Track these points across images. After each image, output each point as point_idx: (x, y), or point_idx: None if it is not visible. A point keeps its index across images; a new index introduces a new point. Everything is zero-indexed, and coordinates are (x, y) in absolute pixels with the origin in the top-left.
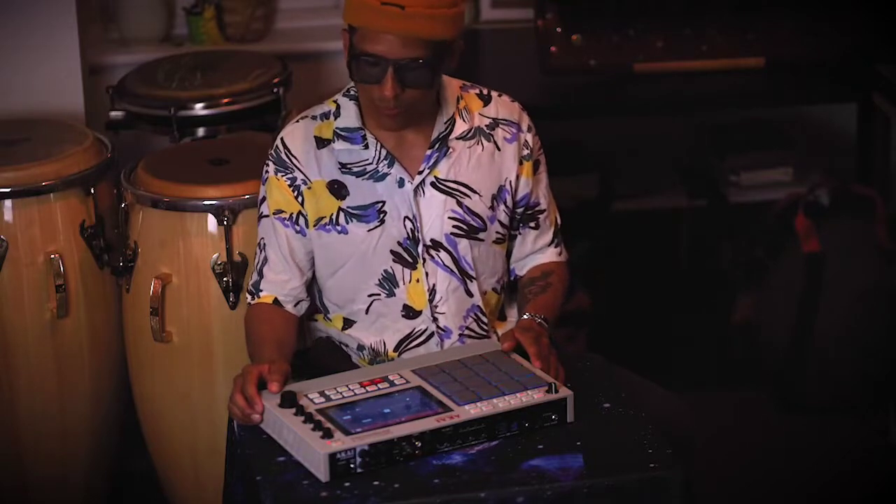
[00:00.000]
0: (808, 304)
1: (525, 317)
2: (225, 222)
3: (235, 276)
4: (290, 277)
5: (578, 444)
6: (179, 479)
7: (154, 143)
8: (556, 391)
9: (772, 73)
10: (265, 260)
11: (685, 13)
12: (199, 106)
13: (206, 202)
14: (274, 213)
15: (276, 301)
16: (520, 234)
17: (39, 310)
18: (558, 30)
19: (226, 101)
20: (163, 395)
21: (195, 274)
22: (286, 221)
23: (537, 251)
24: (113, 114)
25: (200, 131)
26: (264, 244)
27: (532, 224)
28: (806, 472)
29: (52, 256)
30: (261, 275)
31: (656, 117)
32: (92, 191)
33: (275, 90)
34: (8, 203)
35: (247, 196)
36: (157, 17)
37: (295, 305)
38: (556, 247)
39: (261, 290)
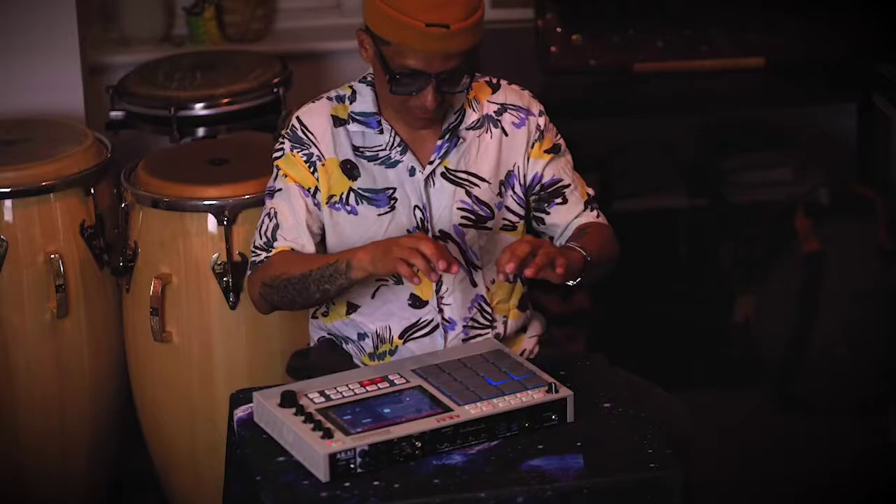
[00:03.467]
0: (807, 303)
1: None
2: (225, 222)
3: (235, 276)
4: (306, 242)
5: (578, 444)
6: (179, 478)
7: (154, 143)
8: (556, 391)
9: (772, 73)
10: (277, 226)
11: (685, 13)
12: (199, 106)
13: (206, 202)
14: (295, 184)
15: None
16: (548, 213)
17: (39, 310)
18: (558, 30)
19: (226, 101)
20: (163, 395)
21: (195, 274)
22: (306, 192)
23: (573, 220)
24: (113, 114)
25: (200, 131)
26: (275, 213)
27: (558, 200)
28: (806, 472)
29: (52, 256)
30: (273, 237)
31: (656, 117)
32: (92, 191)
33: (275, 90)
34: (8, 203)
35: (247, 196)
36: (157, 17)
37: None
38: (591, 210)
39: (274, 244)
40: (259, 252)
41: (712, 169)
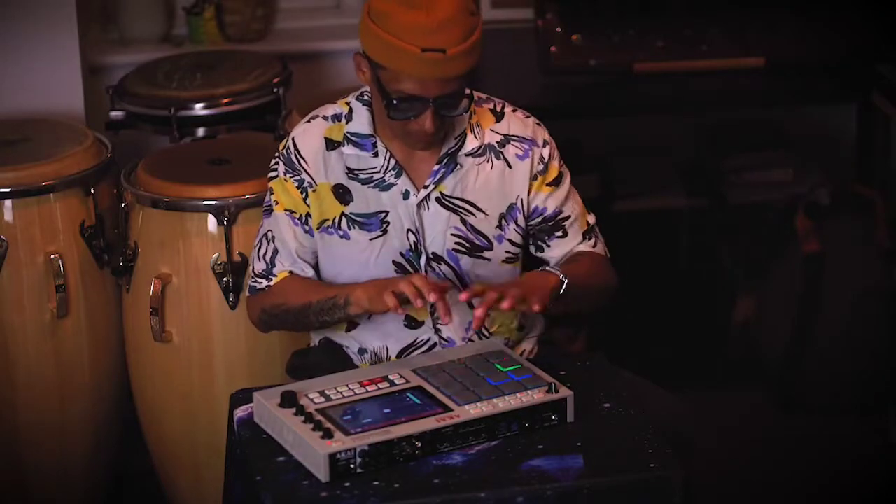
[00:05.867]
0: (807, 304)
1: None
2: (225, 222)
3: (235, 276)
4: (304, 266)
5: (578, 444)
6: (179, 478)
7: (154, 143)
8: (556, 391)
9: (772, 73)
10: (276, 251)
11: (685, 13)
12: (199, 106)
13: (206, 202)
14: (285, 212)
15: (292, 273)
16: (548, 246)
17: (39, 310)
18: (558, 30)
19: (226, 101)
20: (163, 395)
21: (195, 274)
22: (296, 220)
23: (571, 250)
24: (113, 114)
25: (200, 131)
26: (272, 236)
27: (559, 233)
28: (806, 472)
29: (52, 256)
30: (273, 263)
31: (656, 117)
32: (92, 191)
33: (275, 90)
34: (8, 203)
35: (247, 196)
36: (157, 17)
37: None
38: (589, 240)
39: (274, 271)
40: (260, 280)
41: (712, 169)
